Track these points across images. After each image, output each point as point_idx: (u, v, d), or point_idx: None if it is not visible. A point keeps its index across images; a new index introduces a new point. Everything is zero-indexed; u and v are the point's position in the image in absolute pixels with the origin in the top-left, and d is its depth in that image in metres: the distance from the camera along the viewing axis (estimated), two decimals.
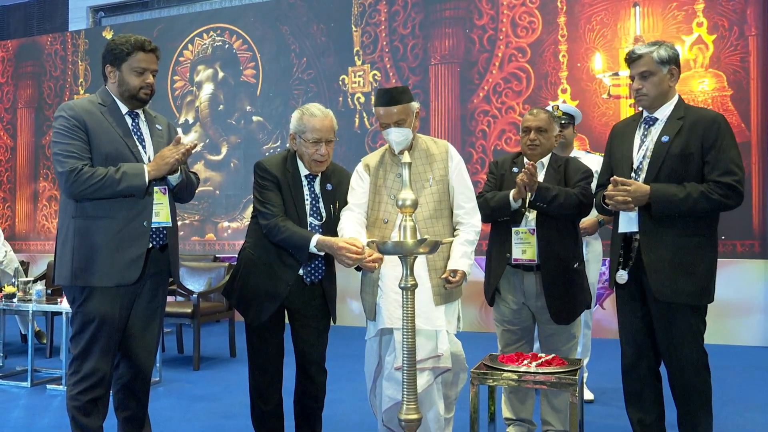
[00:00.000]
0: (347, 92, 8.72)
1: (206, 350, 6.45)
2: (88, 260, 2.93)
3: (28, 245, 10.54)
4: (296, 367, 3.37)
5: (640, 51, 3.09)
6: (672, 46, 3.11)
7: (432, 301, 3.09)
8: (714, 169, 2.95)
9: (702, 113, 3.08)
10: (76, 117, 2.93)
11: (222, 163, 9.42)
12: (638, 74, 3.09)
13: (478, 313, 7.57)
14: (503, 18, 7.91)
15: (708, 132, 2.98)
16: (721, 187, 2.92)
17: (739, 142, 2.71)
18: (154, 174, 2.98)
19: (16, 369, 5.71)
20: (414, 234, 2.50)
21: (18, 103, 10.83)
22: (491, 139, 7.90)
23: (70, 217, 2.97)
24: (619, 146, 3.22)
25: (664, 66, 3.05)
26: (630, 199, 2.97)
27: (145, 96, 3.06)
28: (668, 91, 3.10)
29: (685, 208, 2.94)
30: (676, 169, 2.99)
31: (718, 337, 6.67)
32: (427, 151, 3.23)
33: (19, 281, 5.57)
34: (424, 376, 3.02)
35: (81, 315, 2.96)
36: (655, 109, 3.12)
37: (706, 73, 7.02)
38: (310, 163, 3.20)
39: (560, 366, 2.71)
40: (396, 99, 3.11)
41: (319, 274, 3.27)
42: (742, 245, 6.87)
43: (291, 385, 3.40)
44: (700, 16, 7.05)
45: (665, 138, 3.02)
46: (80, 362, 2.95)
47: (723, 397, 4.74)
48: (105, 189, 2.89)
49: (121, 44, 3.00)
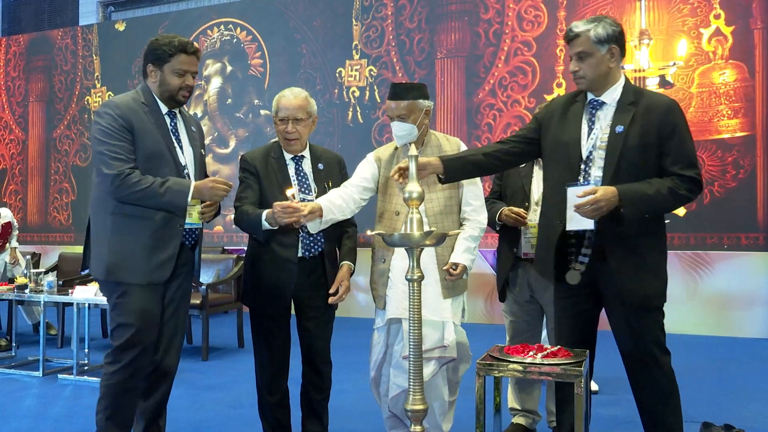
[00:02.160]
0: (343, 85, 8.78)
1: (215, 341, 6.50)
2: (123, 257, 2.95)
3: (39, 236, 10.64)
4: (302, 359, 3.41)
5: (577, 29, 2.81)
6: (614, 23, 2.82)
7: (440, 294, 3.15)
8: (676, 162, 2.75)
9: (655, 98, 2.84)
10: (123, 117, 2.93)
11: (230, 156, 9.49)
12: (575, 54, 2.83)
13: (484, 305, 7.63)
14: (509, 12, 7.94)
15: (664, 120, 2.75)
16: (686, 181, 2.74)
17: (744, 135, 2.70)
18: (197, 196, 3.01)
19: (28, 359, 5.79)
20: (420, 226, 2.55)
21: (29, 96, 10.91)
22: (497, 132, 7.93)
23: (108, 213, 2.97)
24: (562, 128, 2.92)
25: (602, 46, 2.77)
26: (603, 207, 2.67)
27: (184, 98, 3.08)
28: (609, 73, 2.82)
29: (655, 208, 2.77)
30: (634, 162, 2.75)
31: (722, 329, 6.71)
32: (439, 147, 3.26)
33: (30, 272, 5.64)
34: (431, 365, 3.09)
35: (120, 308, 2.97)
36: (599, 92, 2.86)
37: (727, 65, 7.06)
38: (283, 143, 3.33)
39: (565, 357, 2.74)
40: (399, 95, 3.17)
41: (318, 247, 3.31)
42: (747, 238, 6.90)
43: (296, 376, 3.44)
44: (717, 7, 7.07)
45: (620, 128, 2.77)
46: (119, 352, 2.96)
47: (726, 389, 4.79)
48: (148, 199, 2.90)
49: (164, 45, 3.00)
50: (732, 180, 6.98)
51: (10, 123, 11.06)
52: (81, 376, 5.21)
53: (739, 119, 6.96)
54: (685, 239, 7.08)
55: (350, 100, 8.75)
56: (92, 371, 5.37)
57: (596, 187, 2.70)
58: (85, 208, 10.18)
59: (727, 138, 6.98)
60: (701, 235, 7.04)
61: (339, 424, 3.84)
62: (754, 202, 6.90)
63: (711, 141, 7.03)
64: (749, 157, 6.91)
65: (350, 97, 8.75)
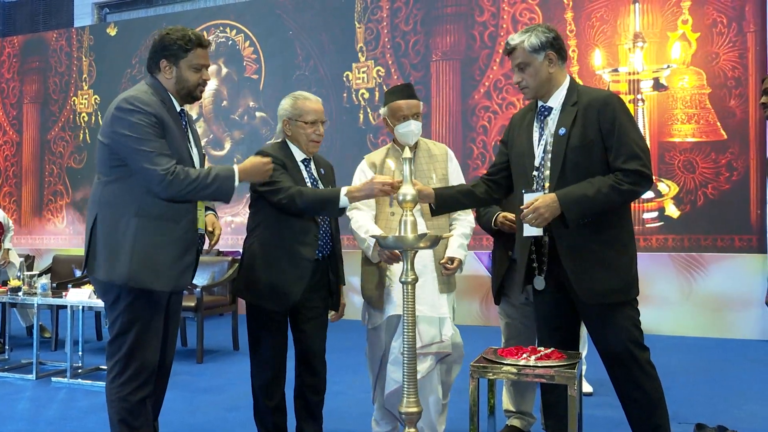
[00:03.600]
0: (351, 88, 8.76)
1: (209, 343, 6.49)
2: (150, 261, 2.77)
3: (33, 239, 10.62)
4: (297, 361, 3.40)
5: (513, 42, 2.86)
6: (547, 30, 2.85)
7: (437, 289, 3.29)
8: (618, 156, 2.72)
9: (594, 94, 2.83)
10: (155, 114, 2.77)
11: (225, 159, 9.48)
12: (515, 66, 2.88)
13: (478, 307, 7.62)
14: (504, 14, 7.95)
15: (603, 115, 2.75)
16: (629, 175, 2.69)
17: (738, 137, 2.67)
18: (244, 179, 2.90)
19: (22, 362, 5.76)
20: (415, 228, 2.57)
21: (24, 98, 10.89)
22: (492, 134, 7.94)
23: (132, 215, 2.77)
24: (518, 139, 2.98)
25: (538, 54, 2.81)
26: (544, 214, 2.69)
27: (200, 93, 2.96)
28: (551, 78, 2.84)
29: (598, 208, 2.72)
30: (579, 162, 2.76)
31: (716, 330, 6.73)
32: (429, 151, 3.44)
33: (24, 275, 5.59)
34: (427, 361, 3.17)
35: (127, 314, 2.80)
36: (546, 98, 2.89)
37: (687, 70, 7.13)
38: (308, 145, 3.31)
39: (559, 360, 2.75)
40: (414, 94, 3.40)
41: (327, 250, 3.35)
42: (740, 240, 6.92)
43: (289, 378, 3.42)
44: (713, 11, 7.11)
45: (562, 130, 2.79)
46: (126, 361, 2.80)
47: (722, 391, 4.80)
48: (199, 191, 2.79)
49: (179, 39, 2.85)
50: (725, 182, 6.99)
51: (4, 125, 11.04)
52: (75, 379, 5.18)
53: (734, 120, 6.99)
54: (679, 241, 7.10)
55: (360, 102, 8.71)
56: (86, 374, 5.34)
57: (539, 195, 2.75)
58: (80, 210, 10.17)
59: (723, 140, 7.01)
60: (695, 236, 7.06)
61: (334, 426, 3.84)
62: (747, 203, 6.92)
63: (705, 143, 7.05)
64: (742, 159, 6.94)
65: (360, 100, 8.72)
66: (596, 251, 2.78)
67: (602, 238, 2.79)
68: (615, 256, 2.80)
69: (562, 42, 2.89)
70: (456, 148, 7.89)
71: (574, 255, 2.79)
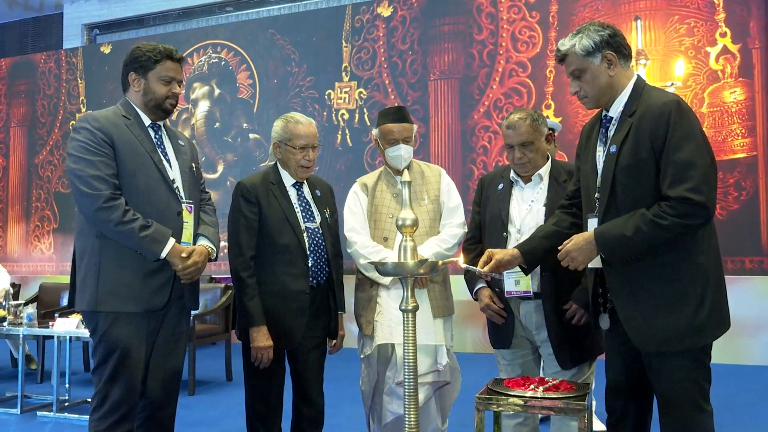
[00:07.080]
0: (332, 107, 8.65)
1: (202, 373, 6.31)
2: (116, 283, 2.70)
3: (20, 267, 10.38)
4: (294, 392, 3.27)
5: (563, 47, 2.50)
6: (600, 27, 2.48)
7: (430, 315, 3.18)
8: (664, 179, 2.29)
9: (651, 101, 2.39)
10: (102, 130, 2.71)
11: (218, 182, 9.31)
12: (570, 74, 2.52)
13: (481, 334, 7.40)
14: (503, 32, 7.84)
15: (657, 127, 2.32)
16: (673, 206, 2.26)
17: (746, 155, 2.45)
18: (171, 255, 2.73)
19: (6, 395, 5.56)
20: (414, 254, 2.43)
21: (11, 122, 10.72)
22: (492, 155, 7.79)
23: (94, 237, 2.72)
24: (584, 155, 2.63)
25: (593, 56, 2.44)
26: (577, 258, 2.42)
27: (170, 106, 2.90)
28: (612, 83, 2.46)
29: (641, 248, 2.32)
30: (628, 185, 2.37)
31: (726, 356, 6.53)
32: (422, 173, 3.41)
33: (9, 304, 5.41)
34: (424, 390, 3.09)
35: (105, 343, 2.71)
36: (609, 106, 2.51)
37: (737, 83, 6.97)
38: (297, 170, 3.24)
39: (568, 391, 2.59)
40: (407, 117, 3.34)
41: (323, 276, 3.24)
42: (750, 261, 6.77)
43: (286, 410, 3.28)
44: (723, 25, 7.00)
45: (613, 148, 2.41)
46: (104, 395, 2.70)
47: (733, 420, 4.67)
48: (124, 236, 2.66)
49: (149, 51, 2.85)
50: (734, 202, 6.84)
51: None
52: (61, 413, 5.00)
53: (743, 139, 6.87)
54: None
55: (339, 123, 8.61)
56: (73, 407, 5.15)
57: (566, 241, 2.48)
58: (68, 236, 9.95)
59: (730, 159, 6.87)
60: None
61: None
62: (757, 224, 6.78)
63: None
64: (751, 179, 6.79)
65: (339, 120, 8.61)
66: (650, 290, 2.35)
67: (657, 273, 2.35)
68: (676, 295, 2.34)
69: (621, 38, 2.49)
70: (455, 169, 7.75)
71: (623, 293, 2.41)
